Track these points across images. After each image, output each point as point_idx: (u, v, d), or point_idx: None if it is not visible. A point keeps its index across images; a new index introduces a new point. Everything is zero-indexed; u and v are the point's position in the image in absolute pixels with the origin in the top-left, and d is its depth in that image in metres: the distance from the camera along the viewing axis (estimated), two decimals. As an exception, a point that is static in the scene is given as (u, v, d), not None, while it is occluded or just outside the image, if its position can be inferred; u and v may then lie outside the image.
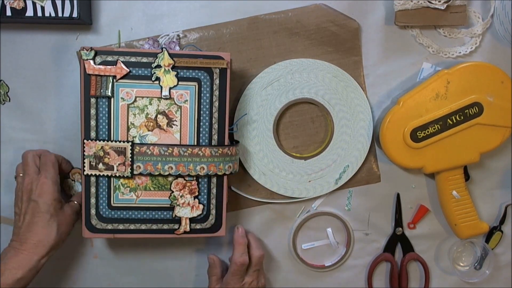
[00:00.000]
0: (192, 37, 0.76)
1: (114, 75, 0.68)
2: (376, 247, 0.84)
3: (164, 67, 0.69)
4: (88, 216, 0.71)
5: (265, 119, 0.78)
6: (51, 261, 0.80)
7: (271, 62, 0.77)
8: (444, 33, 0.79)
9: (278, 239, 0.83)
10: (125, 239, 0.79)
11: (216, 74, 0.70)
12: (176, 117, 0.70)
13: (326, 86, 0.78)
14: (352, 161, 0.80)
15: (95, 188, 0.70)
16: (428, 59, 0.80)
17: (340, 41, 0.78)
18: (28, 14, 0.70)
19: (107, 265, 0.82)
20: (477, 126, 0.76)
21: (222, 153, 0.70)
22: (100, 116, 0.69)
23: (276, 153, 0.79)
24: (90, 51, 0.67)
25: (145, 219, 0.71)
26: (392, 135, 0.76)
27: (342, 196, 0.83)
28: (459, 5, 0.77)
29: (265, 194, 0.81)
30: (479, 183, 0.84)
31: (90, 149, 0.69)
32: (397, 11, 0.76)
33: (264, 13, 0.76)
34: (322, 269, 0.84)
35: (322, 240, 0.84)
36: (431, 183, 0.83)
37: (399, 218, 0.83)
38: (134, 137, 0.69)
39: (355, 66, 0.79)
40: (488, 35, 0.80)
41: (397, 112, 0.76)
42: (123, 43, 0.76)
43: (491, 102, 0.75)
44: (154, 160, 0.69)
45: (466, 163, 0.78)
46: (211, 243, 0.82)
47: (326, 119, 0.80)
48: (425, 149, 0.76)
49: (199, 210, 0.72)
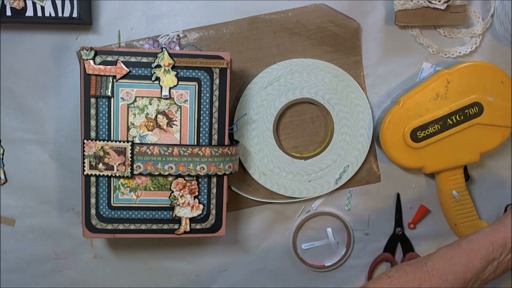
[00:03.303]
0: (192, 37, 0.76)
1: (114, 75, 0.68)
2: (376, 247, 0.84)
3: (164, 67, 0.69)
4: (88, 216, 0.71)
5: (265, 119, 0.78)
6: (51, 261, 0.80)
7: (271, 62, 0.77)
8: (444, 33, 0.79)
9: (278, 239, 0.83)
10: (125, 239, 0.79)
11: (216, 74, 0.70)
12: (176, 117, 0.70)
13: (326, 86, 0.78)
14: (352, 161, 0.80)
15: (95, 188, 0.70)
16: (428, 59, 0.80)
17: (340, 41, 0.78)
18: (28, 14, 0.70)
19: (107, 265, 0.82)
20: (477, 126, 0.76)
21: (222, 153, 0.70)
22: (100, 116, 0.69)
23: (276, 153, 0.79)
24: (90, 51, 0.67)
25: (145, 219, 0.71)
26: (392, 135, 0.76)
27: (342, 196, 0.83)
28: (459, 5, 0.77)
29: (265, 194, 0.81)
30: (479, 183, 0.84)
31: (90, 149, 0.69)
32: (397, 11, 0.76)
33: (264, 13, 0.76)
34: (322, 269, 0.84)
35: (322, 240, 0.84)
36: (431, 183, 0.83)
37: (399, 218, 0.83)
38: (134, 137, 0.69)
39: (355, 66, 0.79)
40: (488, 35, 0.80)
41: (397, 112, 0.76)
42: (123, 43, 0.76)
43: (491, 102, 0.75)
44: (154, 160, 0.69)
45: (466, 163, 0.78)
46: (211, 243, 0.82)
47: (326, 119, 0.80)
48: (425, 149, 0.76)
49: (199, 210, 0.72)
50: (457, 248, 0.65)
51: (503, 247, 0.64)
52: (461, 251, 0.64)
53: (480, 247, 0.64)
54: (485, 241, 0.65)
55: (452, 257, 0.64)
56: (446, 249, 0.65)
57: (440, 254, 0.65)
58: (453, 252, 0.64)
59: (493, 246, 0.64)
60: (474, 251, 0.64)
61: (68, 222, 0.79)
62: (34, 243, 0.79)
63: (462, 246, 0.65)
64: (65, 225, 0.79)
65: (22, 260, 0.80)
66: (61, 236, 0.80)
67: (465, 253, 0.64)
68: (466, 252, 0.64)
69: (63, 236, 0.80)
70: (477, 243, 0.65)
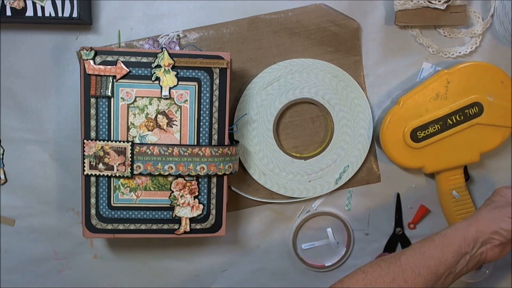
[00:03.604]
0: (192, 37, 0.76)
1: (114, 75, 0.68)
2: (376, 247, 0.84)
3: (164, 67, 0.69)
4: (88, 216, 0.71)
5: (265, 119, 0.78)
6: (51, 261, 0.80)
7: (271, 62, 0.77)
8: (444, 33, 0.79)
9: (278, 239, 0.83)
10: (125, 239, 0.79)
11: (216, 74, 0.70)
12: (176, 117, 0.70)
13: (326, 86, 0.78)
14: (352, 161, 0.80)
15: (95, 188, 0.70)
16: (428, 59, 0.80)
17: (340, 41, 0.78)
18: (28, 14, 0.70)
19: (107, 265, 0.82)
20: (477, 126, 0.76)
21: (222, 153, 0.70)
22: (100, 116, 0.69)
23: (276, 153, 0.79)
24: (90, 51, 0.67)
25: (145, 219, 0.71)
26: (392, 135, 0.76)
27: (342, 196, 0.83)
28: (459, 5, 0.77)
29: (265, 194, 0.81)
30: (479, 183, 0.84)
31: (90, 149, 0.69)
32: (397, 11, 0.76)
33: (264, 13, 0.76)
34: (322, 269, 0.84)
35: (322, 240, 0.84)
36: (431, 183, 0.83)
37: (399, 218, 0.83)
38: (134, 137, 0.69)
39: (355, 66, 0.79)
40: (488, 35, 0.80)
41: (397, 112, 0.76)
42: (123, 43, 0.76)
43: (491, 102, 0.75)
44: (154, 160, 0.69)
45: (466, 163, 0.78)
46: (211, 243, 0.82)
47: (326, 119, 0.80)
48: (425, 149, 0.76)
49: (199, 210, 0.72)
50: (430, 243, 0.66)
51: (475, 241, 0.65)
52: (434, 246, 0.65)
53: (453, 242, 0.65)
54: (458, 235, 0.66)
55: (425, 251, 0.65)
56: (420, 244, 0.66)
57: (414, 249, 0.66)
58: (426, 246, 0.65)
59: (465, 240, 0.65)
60: (446, 246, 0.65)
61: (68, 222, 0.79)
62: (34, 243, 0.79)
63: (435, 240, 0.66)
64: (65, 225, 0.79)
65: (22, 260, 0.80)
66: (61, 236, 0.80)
67: (438, 247, 0.65)
68: (439, 247, 0.65)
69: (63, 236, 0.80)
70: (450, 238, 0.66)
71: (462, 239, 0.65)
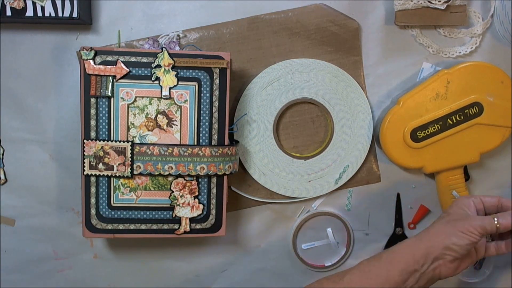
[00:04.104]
0: (192, 37, 0.76)
1: (114, 75, 0.68)
2: (376, 247, 0.84)
3: (164, 67, 0.69)
4: (88, 216, 0.71)
5: (265, 119, 0.78)
6: (51, 261, 0.80)
7: (271, 62, 0.77)
8: (444, 33, 0.79)
9: (278, 239, 0.83)
10: (125, 239, 0.79)
11: (216, 74, 0.70)
12: (176, 117, 0.70)
13: (326, 86, 0.78)
14: (352, 161, 0.80)
15: (95, 188, 0.70)
16: (428, 59, 0.80)
17: (340, 41, 0.78)
18: (28, 14, 0.70)
19: (107, 265, 0.82)
20: (477, 126, 0.76)
21: (222, 153, 0.70)
22: (100, 116, 0.69)
23: (276, 153, 0.79)
24: (90, 51, 0.67)
25: (145, 219, 0.71)
26: (392, 135, 0.76)
27: (342, 196, 0.83)
28: (459, 5, 0.77)
29: (265, 194, 0.81)
30: (479, 183, 0.84)
31: (90, 149, 0.69)
32: (397, 11, 0.76)
33: (264, 13, 0.76)
34: (322, 269, 0.84)
35: (322, 240, 0.84)
36: (431, 183, 0.83)
37: (399, 218, 0.83)
38: (134, 137, 0.69)
39: (355, 66, 0.79)
40: (488, 35, 0.80)
41: (397, 112, 0.76)
42: (123, 43, 0.76)
43: (491, 102, 0.75)
44: (154, 160, 0.69)
45: (466, 163, 0.78)
46: (211, 243, 0.82)
47: (326, 119, 0.80)
48: (425, 149, 0.76)
49: (199, 210, 0.72)
50: (377, 261, 0.64)
51: (425, 258, 0.63)
52: (379, 264, 0.63)
53: (400, 259, 0.63)
54: (406, 252, 0.63)
55: (370, 270, 0.63)
56: (367, 261, 0.65)
57: (359, 268, 0.64)
58: (371, 265, 0.64)
59: (414, 258, 0.63)
60: (393, 264, 0.63)
61: (68, 222, 0.79)
62: (34, 243, 0.79)
63: (382, 258, 0.64)
64: (65, 225, 0.79)
65: (22, 260, 0.80)
66: (61, 236, 0.80)
67: (383, 265, 0.63)
68: (385, 265, 0.63)
69: (63, 236, 0.80)
70: (398, 255, 0.63)
71: (411, 256, 0.63)
